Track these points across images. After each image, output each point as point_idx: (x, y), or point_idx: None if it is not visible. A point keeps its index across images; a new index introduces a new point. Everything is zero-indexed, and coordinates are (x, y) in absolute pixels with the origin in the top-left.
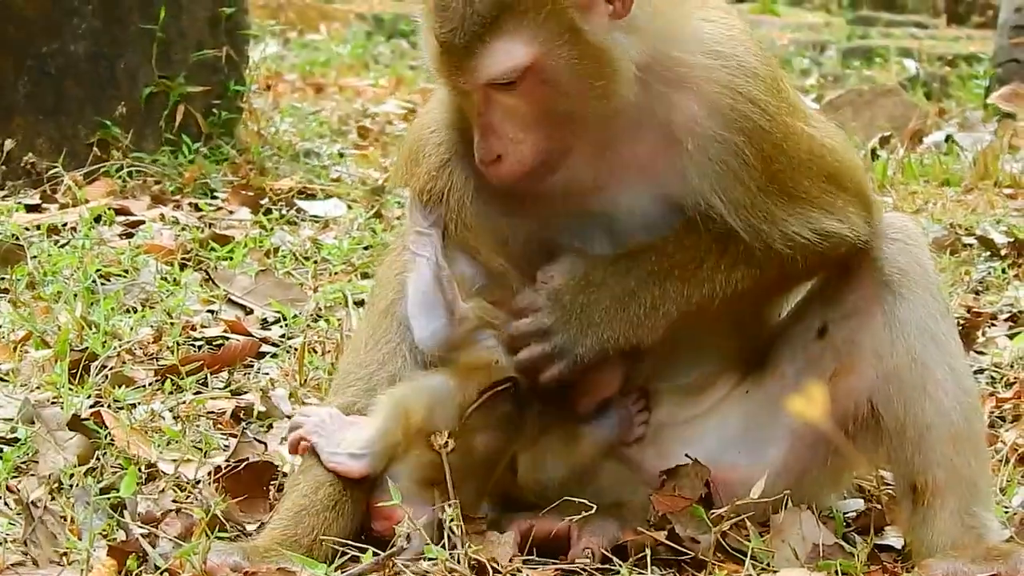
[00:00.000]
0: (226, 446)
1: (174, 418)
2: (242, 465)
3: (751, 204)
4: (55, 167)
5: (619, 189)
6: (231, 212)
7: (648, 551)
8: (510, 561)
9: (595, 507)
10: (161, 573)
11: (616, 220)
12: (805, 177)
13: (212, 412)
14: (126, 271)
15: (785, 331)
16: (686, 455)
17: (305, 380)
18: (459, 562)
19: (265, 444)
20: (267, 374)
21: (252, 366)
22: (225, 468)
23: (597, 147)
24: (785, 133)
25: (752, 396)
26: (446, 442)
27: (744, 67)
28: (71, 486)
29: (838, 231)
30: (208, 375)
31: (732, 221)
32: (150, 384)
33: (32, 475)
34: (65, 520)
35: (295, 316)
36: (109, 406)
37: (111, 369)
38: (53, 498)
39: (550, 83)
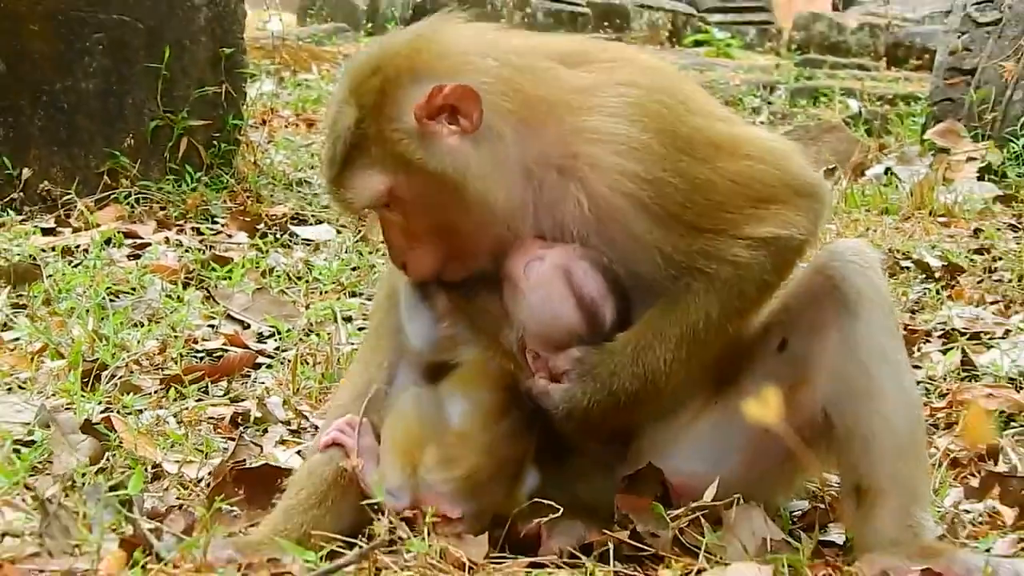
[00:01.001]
0: (225, 448)
1: (178, 423)
2: (258, 466)
3: (681, 252)
4: (68, 194)
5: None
6: (230, 236)
7: (611, 547)
8: (485, 558)
9: (562, 509)
10: (165, 564)
11: None
12: (727, 211)
13: (212, 418)
14: (134, 289)
15: (749, 346)
16: (649, 462)
17: (298, 389)
18: (441, 557)
19: (261, 447)
20: (263, 383)
21: (249, 376)
22: (234, 469)
23: (509, 243)
24: (693, 185)
25: (716, 407)
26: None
27: (628, 141)
28: (83, 484)
29: (766, 235)
30: (209, 384)
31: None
32: (156, 392)
33: (47, 474)
34: (77, 515)
35: (288, 331)
36: (118, 412)
37: (120, 378)
38: (67, 495)
39: (416, 202)
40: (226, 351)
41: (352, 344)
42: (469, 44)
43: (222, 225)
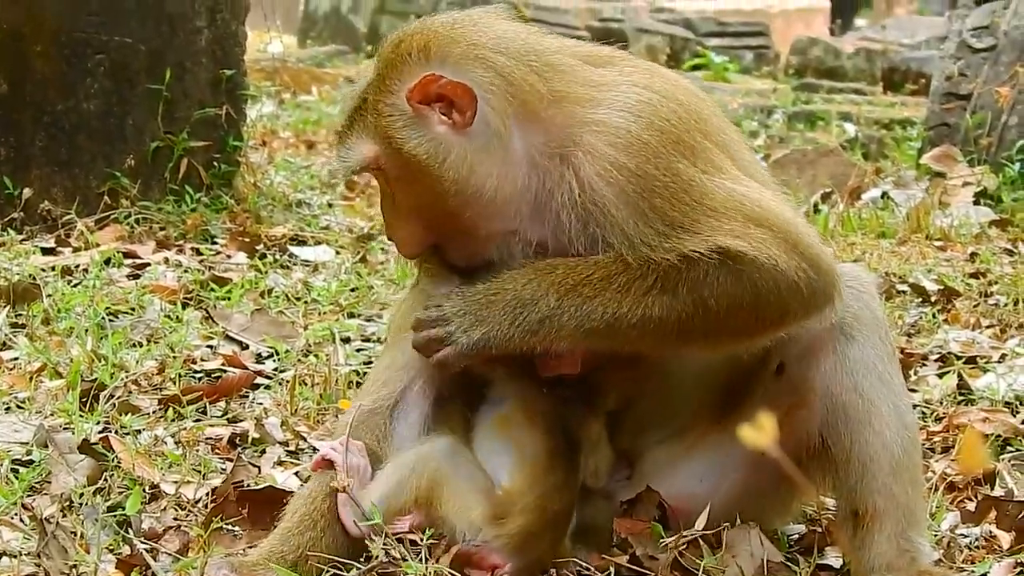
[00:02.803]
0: (223, 469)
1: (175, 443)
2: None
3: (653, 246)
4: (69, 214)
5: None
6: (229, 256)
7: (612, 571)
8: None
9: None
10: None
11: None
12: (711, 217)
13: (210, 438)
14: (133, 309)
15: (748, 370)
16: (648, 486)
17: (296, 410)
18: None
19: (259, 468)
20: (261, 404)
21: (247, 396)
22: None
23: (499, 230)
24: (685, 185)
25: (715, 430)
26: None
27: (627, 135)
28: (81, 504)
29: (740, 249)
30: (207, 404)
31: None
32: (154, 412)
33: (45, 494)
34: (75, 535)
35: (287, 351)
36: (116, 432)
37: (118, 398)
38: (64, 515)
39: (402, 177)
40: (224, 371)
41: (350, 365)
42: (489, 39)
43: (221, 246)
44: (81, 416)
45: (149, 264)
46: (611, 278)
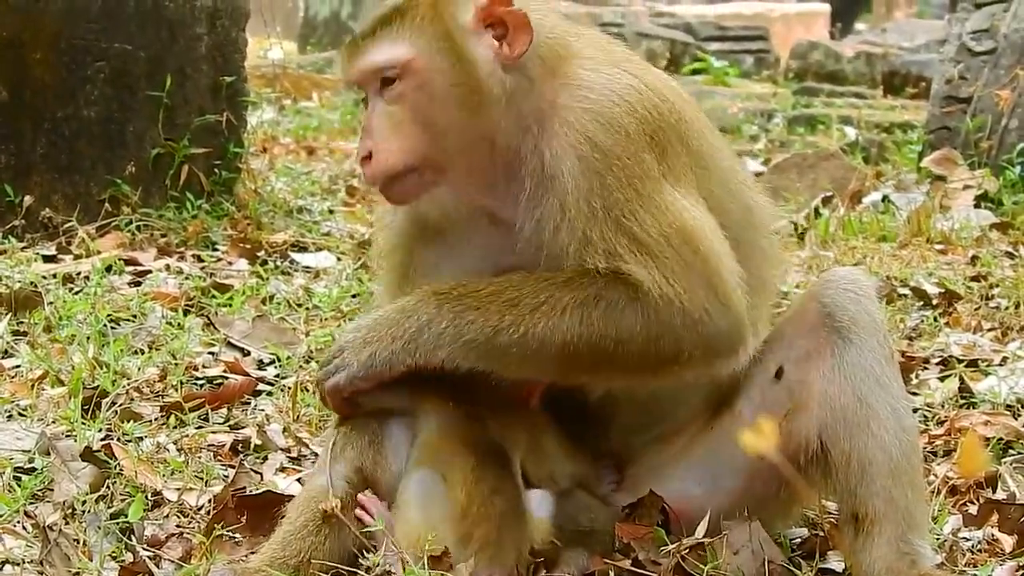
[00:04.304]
0: (225, 476)
1: (178, 450)
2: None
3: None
4: (70, 221)
5: (514, 228)
6: (230, 263)
7: (612, 575)
8: None
9: (561, 543)
10: None
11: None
12: (652, 228)
13: (212, 445)
14: (134, 316)
15: (746, 374)
16: (651, 490)
17: (298, 416)
18: None
19: (261, 474)
20: (263, 410)
21: (249, 403)
22: (235, 496)
23: (475, 181)
24: (639, 174)
25: (712, 434)
26: None
27: (605, 115)
28: (84, 512)
29: (638, 278)
30: (209, 411)
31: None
32: (156, 419)
33: (48, 501)
34: (78, 543)
35: (288, 358)
36: (118, 439)
37: (120, 405)
38: (67, 523)
39: (424, 88)
40: (226, 378)
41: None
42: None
43: (223, 252)
44: (83, 423)
45: (150, 271)
46: (500, 292)
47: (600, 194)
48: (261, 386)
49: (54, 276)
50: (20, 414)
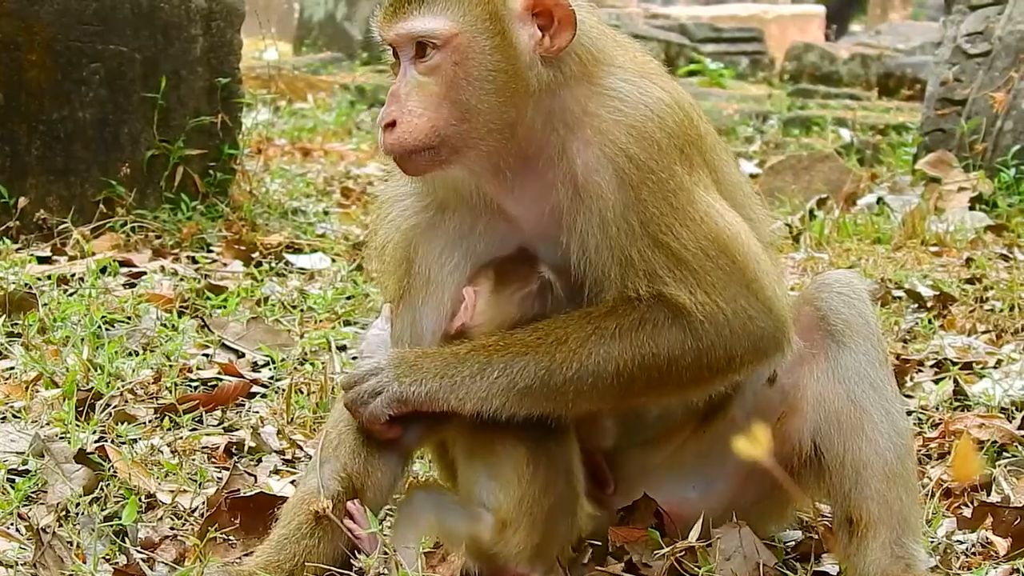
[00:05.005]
0: (219, 478)
1: (172, 452)
2: (253, 494)
3: (622, 253)
4: (64, 223)
5: (530, 227)
6: (225, 264)
7: None
8: None
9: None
10: None
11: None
12: (689, 242)
13: (207, 447)
14: (129, 318)
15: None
16: (645, 494)
17: (292, 418)
18: None
19: (255, 477)
20: (257, 412)
21: (243, 405)
22: (229, 498)
23: (497, 169)
24: (674, 187)
25: (706, 437)
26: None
27: (639, 129)
28: (77, 514)
29: (680, 301)
30: (203, 413)
31: (598, 262)
32: (150, 421)
33: (41, 504)
34: (72, 545)
35: (283, 360)
36: (112, 441)
37: (114, 407)
38: (61, 525)
39: (461, 65)
40: (220, 380)
41: (346, 373)
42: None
43: (217, 254)
44: (77, 425)
45: (145, 273)
46: (547, 335)
47: (636, 208)
48: (255, 388)
49: (49, 277)
50: (14, 416)
